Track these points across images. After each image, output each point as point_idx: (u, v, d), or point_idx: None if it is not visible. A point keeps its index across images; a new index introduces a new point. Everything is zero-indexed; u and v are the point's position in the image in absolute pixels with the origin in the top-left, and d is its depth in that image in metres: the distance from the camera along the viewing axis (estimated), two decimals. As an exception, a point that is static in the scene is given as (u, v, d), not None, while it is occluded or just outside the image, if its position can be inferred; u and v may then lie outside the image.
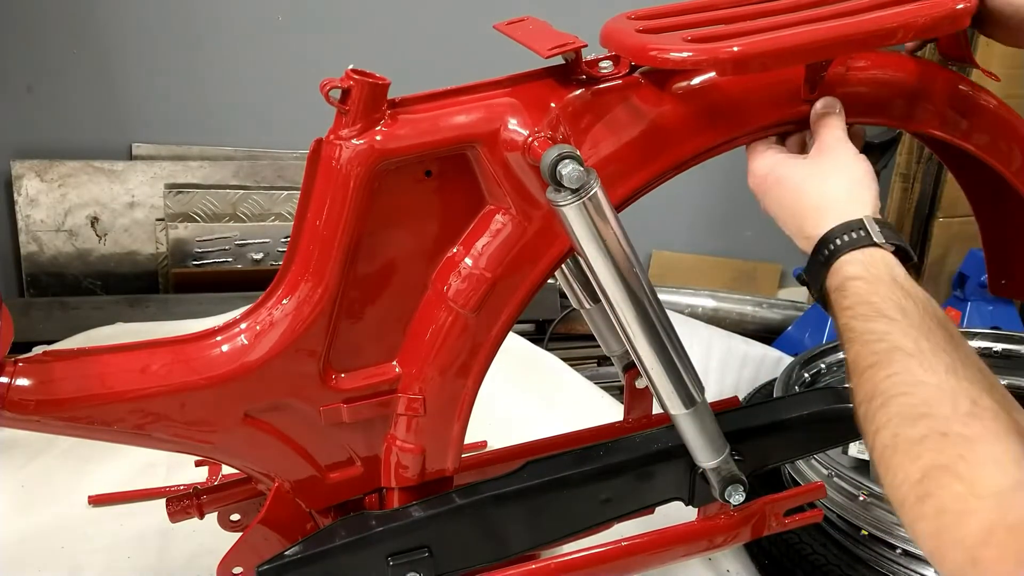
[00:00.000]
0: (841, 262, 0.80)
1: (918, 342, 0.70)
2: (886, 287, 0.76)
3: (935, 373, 0.68)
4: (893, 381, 0.69)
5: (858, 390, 0.73)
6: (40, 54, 2.46)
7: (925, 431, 0.65)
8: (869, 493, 1.34)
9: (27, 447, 1.53)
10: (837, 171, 0.86)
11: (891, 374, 0.70)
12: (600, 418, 1.25)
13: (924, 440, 0.64)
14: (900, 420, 0.67)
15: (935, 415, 0.65)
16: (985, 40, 0.93)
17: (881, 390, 0.70)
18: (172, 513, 1.10)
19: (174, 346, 0.92)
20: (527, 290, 0.93)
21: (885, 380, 0.70)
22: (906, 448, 0.65)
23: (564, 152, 0.81)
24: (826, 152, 0.88)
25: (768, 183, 0.90)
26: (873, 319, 0.74)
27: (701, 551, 1.07)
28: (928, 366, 0.68)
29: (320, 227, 0.87)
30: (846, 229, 0.81)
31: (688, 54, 0.84)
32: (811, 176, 0.87)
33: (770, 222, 0.91)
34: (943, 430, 0.64)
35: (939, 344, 0.70)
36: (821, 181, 0.86)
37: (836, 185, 0.85)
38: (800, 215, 0.86)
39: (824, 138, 0.89)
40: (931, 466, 0.63)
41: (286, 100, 2.52)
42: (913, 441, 0.65)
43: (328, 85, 0.82)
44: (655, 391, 0.93)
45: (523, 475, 0.97)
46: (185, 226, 2.53)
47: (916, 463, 0.64)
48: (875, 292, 0.76)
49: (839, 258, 0.80)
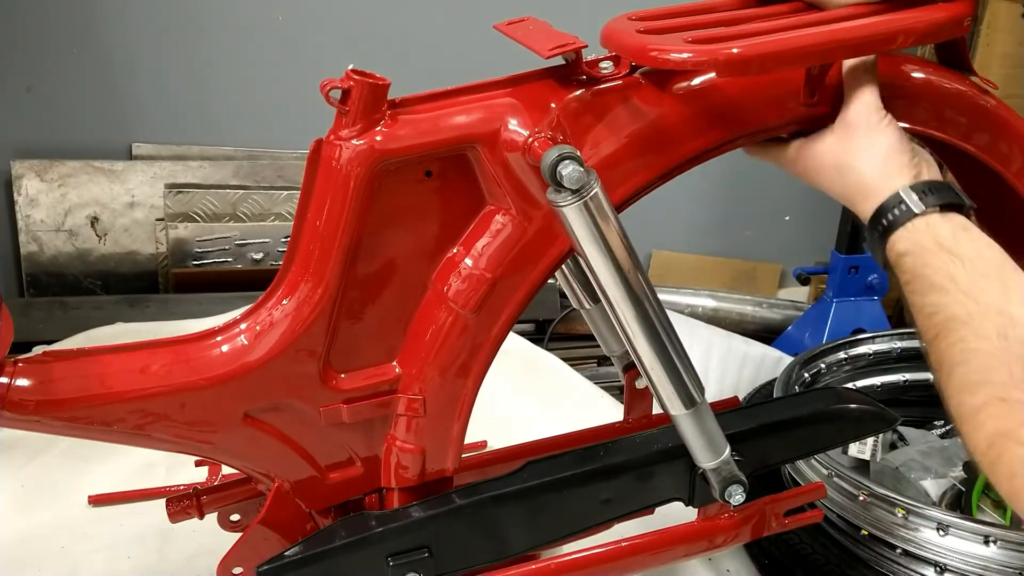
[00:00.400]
0: (892, 241, 0.82)
1: (967, 307, 0.74)
2: (933, 256, 0.79)
3: (988, 340, 0.71)
4: (953, 351, 0.74)
5: (930, 359, 0.78)
6: (40, 54, 2.46)
7: (985, 399, 0.70)
8: (869, 493, 1.34)
9: (27, 447, 1.53)
10: (864, 148, 0.87)
11: (951, 344, 0.74)
12: (600, 418, 1.25)
13: (985, 407, 0.69)
14: (961, 389, 0.72)
15: (993, 382, 0.70)
16: (985, 42, 0.94)
17: (945, 360, 0.75)
18: (172, 513, 1.10)
19: (174, 346, 0.92)
20: (527, 290, 0.93)
21: (947, 350, 0.74)
22: (970, 416, 0.71)
23: (564, 153, 0.81)
24: (851, 128, 0.88)
25: (807, 170, 0.92)
26: (927, 292, 0.78)
27: (701, 551, 1.07)
28: (982, 333, 0.72)
29: (320, 227, 0.87)
30: (888, 207, 0.83)
31: (688, 55, 0.84)
32: (843, 155, 0.88)
33: (770, 222, 0.92)
34: (1002, 396, 0.68)
35: (990, 304, 0.73)
36: (853, 159, 0.87)
37: (868, 162, 0.86)
38: (848, 197, 0.88)
39: (849, 109, 0.89)
40: (995, 433, 0.68)
41: (286, 100, 2.52)
42: (976, 409, 0.70)
43: (328, 85, 0.82)
44: (655, 391, 0.93)
45: (523, 475, 0.97)
46: (185, 226, 2.53)
47: (981, 431, 0.69)
48: (925, 264, 0.79)
49: (889, 238, 0.83)
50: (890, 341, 1.95)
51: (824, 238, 2.79)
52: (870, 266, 2.58)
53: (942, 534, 1.27)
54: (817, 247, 2.96)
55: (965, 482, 1.55)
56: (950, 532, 1.26)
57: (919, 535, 1.29)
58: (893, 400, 1.90)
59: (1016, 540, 1.23)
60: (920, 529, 1.29)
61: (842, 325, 2.53)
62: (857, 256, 2.57)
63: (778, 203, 3.04)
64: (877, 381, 1.94)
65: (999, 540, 1.23)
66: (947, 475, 1.60)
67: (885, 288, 2.63)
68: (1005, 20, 2.55)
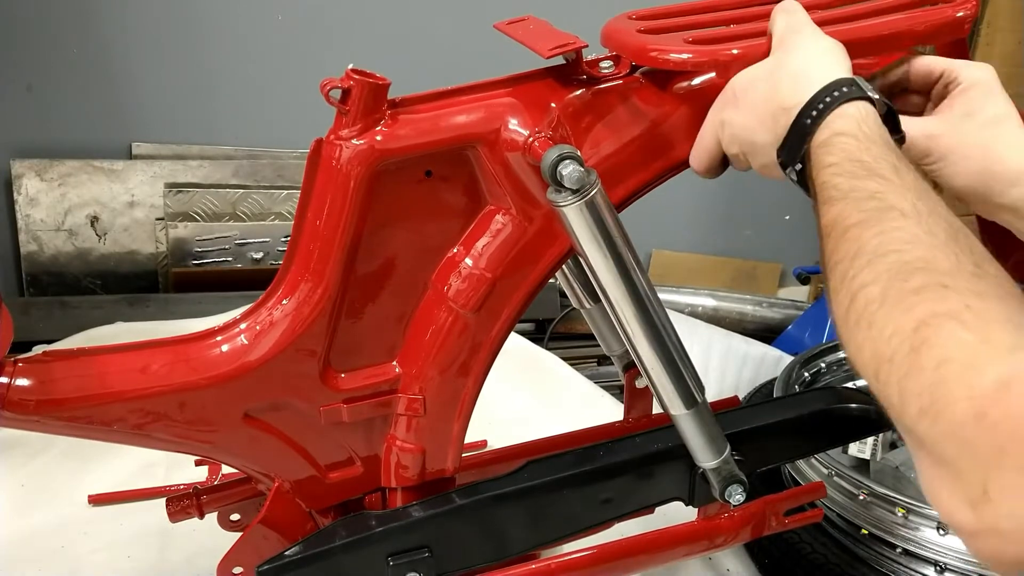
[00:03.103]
0: (831, 117, 0.72)
1: (915, 204, 0.62)
2: (879, 147, 0.69)
3: (934, 235, 0.60)
4: (885, 239, 0.61)
5: (836, 250, 0.65)
6: (40, 54, 2.46)
7: (923, 282, 0.56)
8: (869, 492, 1.34)
9: (27, 447, 1.53)
10: (804, 46, 0.78)
11: (882, 231, 0.62)
12: (600, 418, 1.25)
13: (922, 291, 0.56)
14: (892, 275, 0.58)
15: (935, 270, 0.57)
16: (985, 41, 0.93)
17: (869, 248, 0.61)
18: (172, 513, 1.10)
19: (174, 346, 0.92)
20: (528, 290, 0.93)
21: (875, 238, 0.62)
22: (898, 299, 0.56)
23: (565, 152, 0.81)
24: (786, 38, 0.80)
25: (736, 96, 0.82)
26: (863, 177, 0.66)
27: (701, 551, 1.07)
28: (926, 227, 0.60)
29: (320, 227, 0.87)
30: (835, 87, 0.73)
31: (688, 55, 0.84)
32: (779, 62, 0.79)
33: (770, 222, 0.91)
34: (944, 283, 0.55)
35: (938, 210, 0.62)
36: (791, 60, 0.78)
37: (808, 56, 0.77)
38: (774, 99, 0.77)
39: (779, 29, 0.81)
40: (930, 314, 0.54)
41: (286, 100, 2.52)
42: (907, 292, 0.56)
43: (328, 85, 0.82)
44: (655, 391, 0.93)
45: (523, 475, 0.97)
46: (185, 225, 2.53)
47: (910, 313, 0.55)
48: (867, 150, 0.68)
49: (829, 113, 0.72)
50: (890, 341, 1.95)
51: (824, 237, 2.78)
52: (870, 265, 2.57)
53: (942, 533, 1.27)
54: (817, 246, 2.96)
55: (965, 481, 1.55)
56: (950, 531, 1.26)
57: (919, 534, 1.29)
58: (893, 399, 1.90)
59: (1016, 539, 1.23)
60: (920, 528, 1.29)
61: (842, 324, 2.52)
62: (857, 255, 2.56)
63: (778, 203, 3.04)
64: (877, 380, 1.93)
65: (999, 539, 1.23)
66: (947, 475, 1.60)
67: (885, 287, 2.62)
68: (1005, 19, 2.55)
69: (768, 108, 0.78)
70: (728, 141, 0.84)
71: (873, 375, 0.57)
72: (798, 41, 0.79)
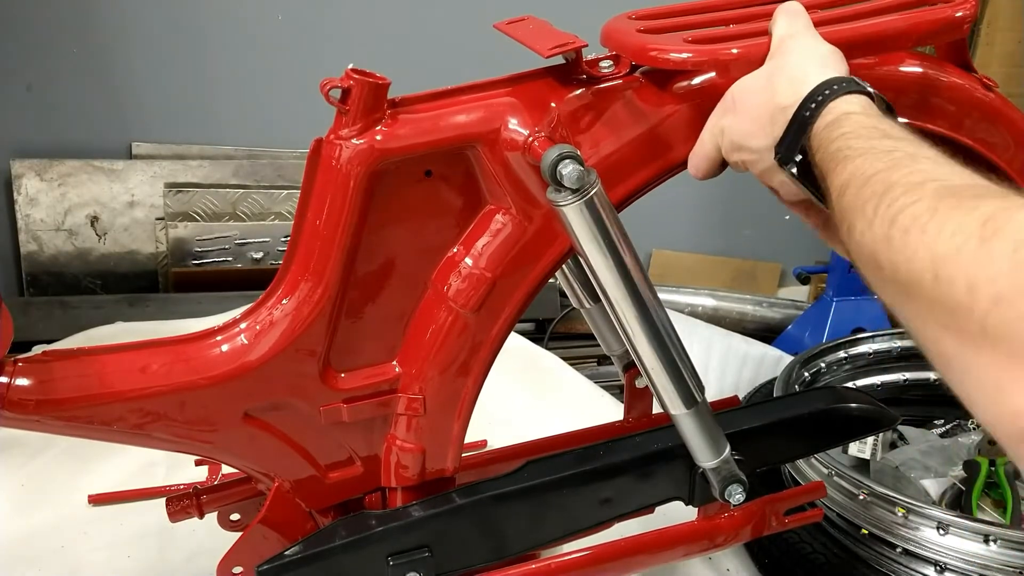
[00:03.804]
0: (835, 103, 0.72)
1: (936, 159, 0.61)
2: (889, 125, 0.68)
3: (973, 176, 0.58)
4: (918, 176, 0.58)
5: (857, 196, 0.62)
6: (40, 54, 2.46)
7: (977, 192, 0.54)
8: (869, 492, 1.34)
9: (27, 447, 1.53)
10: (801, 51, 0.79)
11: (913, 170, 0.59)
12: (600, 418, 1.25)
13: (979, 197, 0.53)
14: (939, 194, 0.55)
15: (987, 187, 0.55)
16: (985, 41, 0.93)
17: (902, 183, 0.58)
18: (172, 513, 1.10)
19: (174, 346, 0.92)
20: (527, 290, 0.93)
21: (907, 176, 0.59)
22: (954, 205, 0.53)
23: (564, 152, 0.81)
24: (784, 43, 0.81)
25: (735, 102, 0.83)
26: (879, 138, 0.65)
27: (701, 551, 1.07)
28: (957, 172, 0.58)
29: (320, 227, 0.87)
30: (833, 82, 0.74)
31: (688, 55, 0.84)
32: (776, 67, 0.80)
33: (770, 221, 0.91)
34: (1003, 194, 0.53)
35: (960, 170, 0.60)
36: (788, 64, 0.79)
37: (805, 60, 0.78)
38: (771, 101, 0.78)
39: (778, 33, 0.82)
40: (997, 208, 0.51)
41: (286, 100, 2.52)
42: (964, 199, 0.53)
43: (328, 85, 0.82)
44: (655, 391, 0.93)
45: (523, 475, 0.97)
46: (185, 225, 2.53)
47: (974, 212, 0.51)
48: (879, 121, 0.68)
49: (829, 104, 0.72)
50: (890, 340, 1.95)
51: (824, 237, 2.79)
52: (870, 265, 2.57)
53: (942, 533, 1.27)
54: (817, 246, 2.96)
55: (965, 481, 1.55)
56: (950, 531, 1.26)
57: (919, 534, 1.29)
58: (893, 399, 1.90)
59: (1016, 539, 1.23)
60: (920, 528, 1.29)
61: (842, 324, 2.53)
62: (857, 255, 2.57)
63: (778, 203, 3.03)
64: (877, 380, 1.94)
65: (999, 539, 1.23)
66: (947, 474, 1.60)
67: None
68: (1005, 19, 2.55)
69: (766, 110, 0.79)
70: (728, 148, 0.85)
71: (933, 277, 0.52)
72: (795, 46, 0.80)
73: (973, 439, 1.69)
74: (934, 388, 1.96)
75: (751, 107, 0.81)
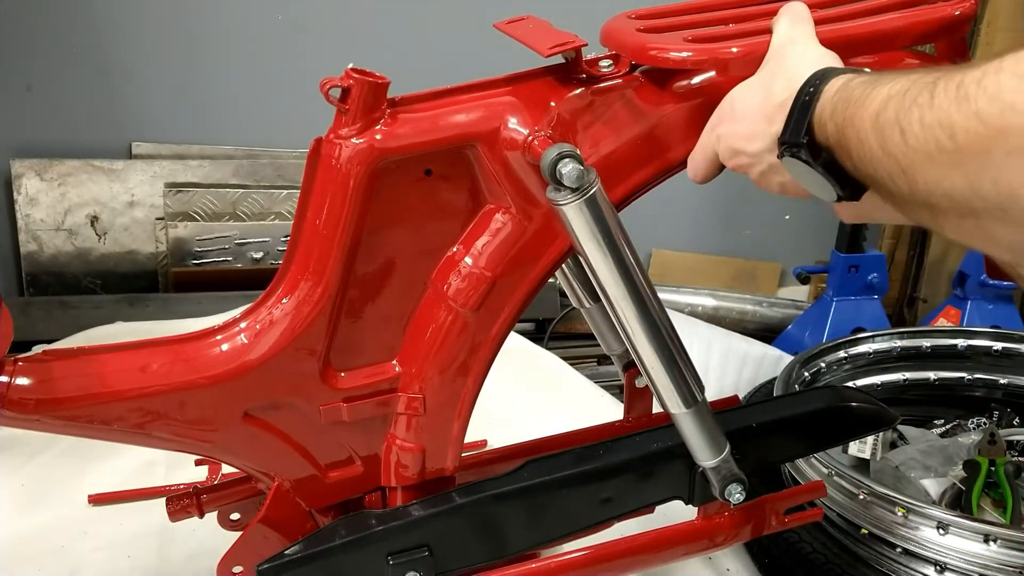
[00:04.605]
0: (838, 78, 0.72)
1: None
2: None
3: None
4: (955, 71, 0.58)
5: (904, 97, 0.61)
6: (40, 54, 2.46)
7: None
8: (869, 492, 1.34)
9: (27, 447, 1.53)
10: (798, 54, 0.79)
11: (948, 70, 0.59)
12: (600, 417, 1.25)
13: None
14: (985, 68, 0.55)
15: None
16: (985, 40, 0.93)
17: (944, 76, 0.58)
18: (172, 512, 1.10)
19: (174, 345, 0.92)
20: (527, 289, 0.93)
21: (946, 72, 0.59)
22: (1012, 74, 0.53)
23: (564, 151, 0.81)
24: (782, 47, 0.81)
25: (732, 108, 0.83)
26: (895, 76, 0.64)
27: (701, 550, 1.07)
28: None
29: (320, 226, 0.87)
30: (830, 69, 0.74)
31: (688, 54, 0.84)
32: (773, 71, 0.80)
33: (770, 221, 0.91)
34: None
35: None
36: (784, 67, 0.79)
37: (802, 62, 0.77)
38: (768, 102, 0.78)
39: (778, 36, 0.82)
40: None
41: (286, 100, 2.53)
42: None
43: (328, 84, 0.82)
44: (655, 390, 0.93)
45: (523, 474, 0.97)
46: (185, 225, 2.53)
47: None
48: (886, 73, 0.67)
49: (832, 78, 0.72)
50: (890, 340, 1.95)
51: (824, 237, 2.79)
52: (870, 265, 2.58)
53: (942, 533, 1.27)
54: (817, 246, 2.96)
55: (965, 481, 1.55)
56: (950, 531, 1.26)
57: (919, 534, 1.29)
58: (893, 399, 1.90)
59: (1016, 539, 1.23)
60: (920, 528, 1.29)
61: (842, 324, 2.53)
62: (857, 255, 2.57)
63: (778, 202, 3.04)
64: (877, 380, 1.94)
65: (999, 539, 1.23)
66: (947, 474, 1.60)
67: (885, 287, 2.63)
68: (1005, 18, 2.55)
69: (763, 112, 0.79)
70: (726, 154, 0.85)
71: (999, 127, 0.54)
72: (792, 50, 0.80)
73: (973, 439, 1.69)
74: (934, 388, 1.96)
75: (747, 110, 0.81)
